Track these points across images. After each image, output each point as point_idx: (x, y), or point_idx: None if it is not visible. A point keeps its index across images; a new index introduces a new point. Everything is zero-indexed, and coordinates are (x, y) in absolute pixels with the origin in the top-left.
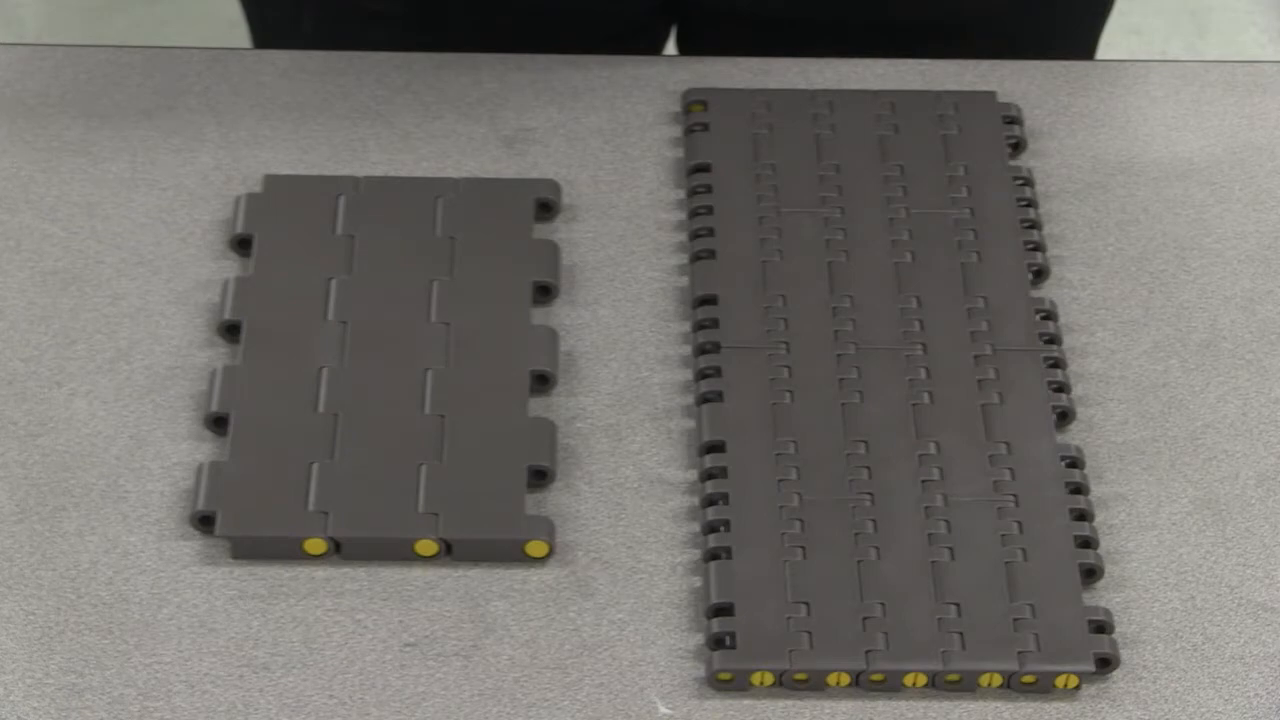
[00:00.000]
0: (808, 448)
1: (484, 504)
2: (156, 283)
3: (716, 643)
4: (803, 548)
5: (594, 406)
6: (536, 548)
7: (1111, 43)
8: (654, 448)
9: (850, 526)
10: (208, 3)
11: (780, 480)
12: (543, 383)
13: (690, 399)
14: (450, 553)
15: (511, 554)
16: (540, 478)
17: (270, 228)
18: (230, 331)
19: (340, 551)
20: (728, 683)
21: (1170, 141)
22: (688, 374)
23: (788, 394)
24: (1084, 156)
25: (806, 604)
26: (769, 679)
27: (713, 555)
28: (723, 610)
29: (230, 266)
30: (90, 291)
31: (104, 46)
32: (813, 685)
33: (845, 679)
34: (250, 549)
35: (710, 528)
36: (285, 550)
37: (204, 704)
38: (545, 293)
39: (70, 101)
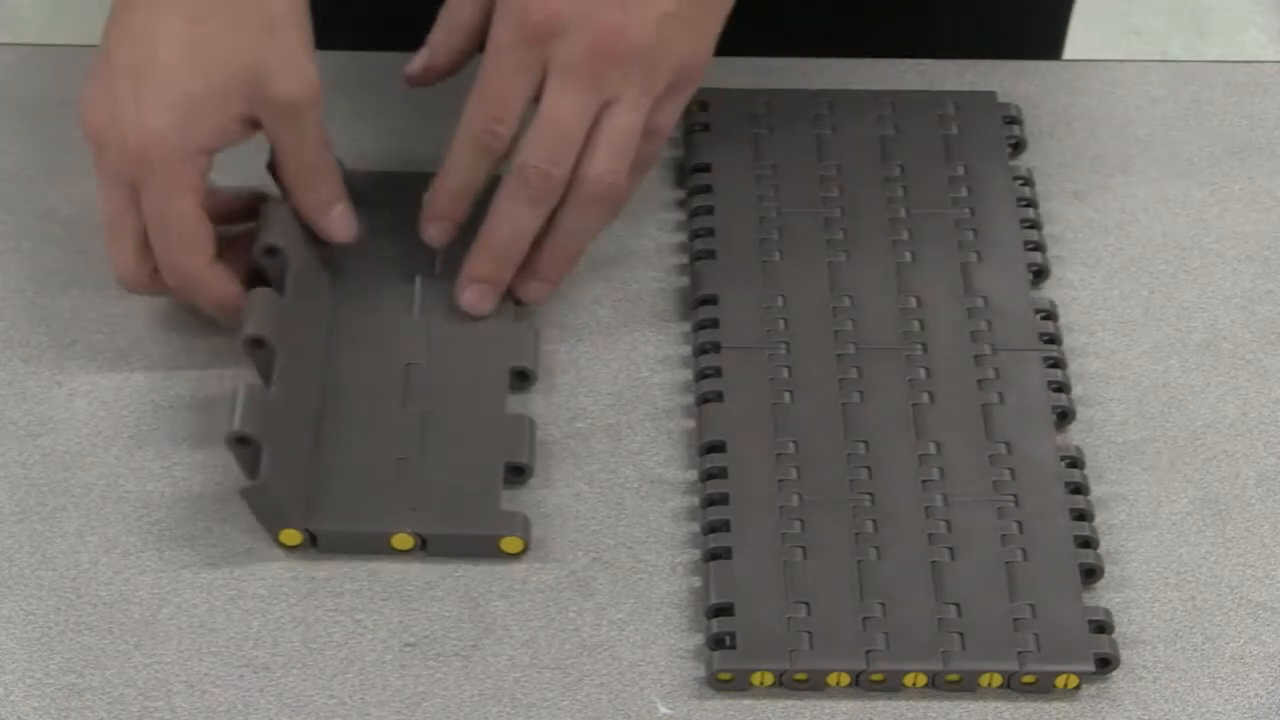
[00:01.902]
0: (808, 448)
1: (460, 500)
2: None
3: (716, 643)
4: (803, 548)
5: (594, 406)
6: (511, 543)
7: (1111, 43)
8: (654, 448)
9: (850, 526)
10: None
11: (780, 480)
12: (522, 379)
13: (690, 399)
14: (425, 548)
15: (487, 549)
16: (518, 474)
17: None
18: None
19: (316, 545)
20: (728, 683)
21: (1170, 141)
22: (688, 374)
23: (788, 394)
24: (1084, 156)
25: (806, 604)
26: (769, 679)
27: (713, 555)
28: (723, 610)
29: None
30: (90, 291)
31: None
32: (813, 685)
33: (845, 679)
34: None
35: (710, 528)
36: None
37: (204, 704)
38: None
39: (70, 101)
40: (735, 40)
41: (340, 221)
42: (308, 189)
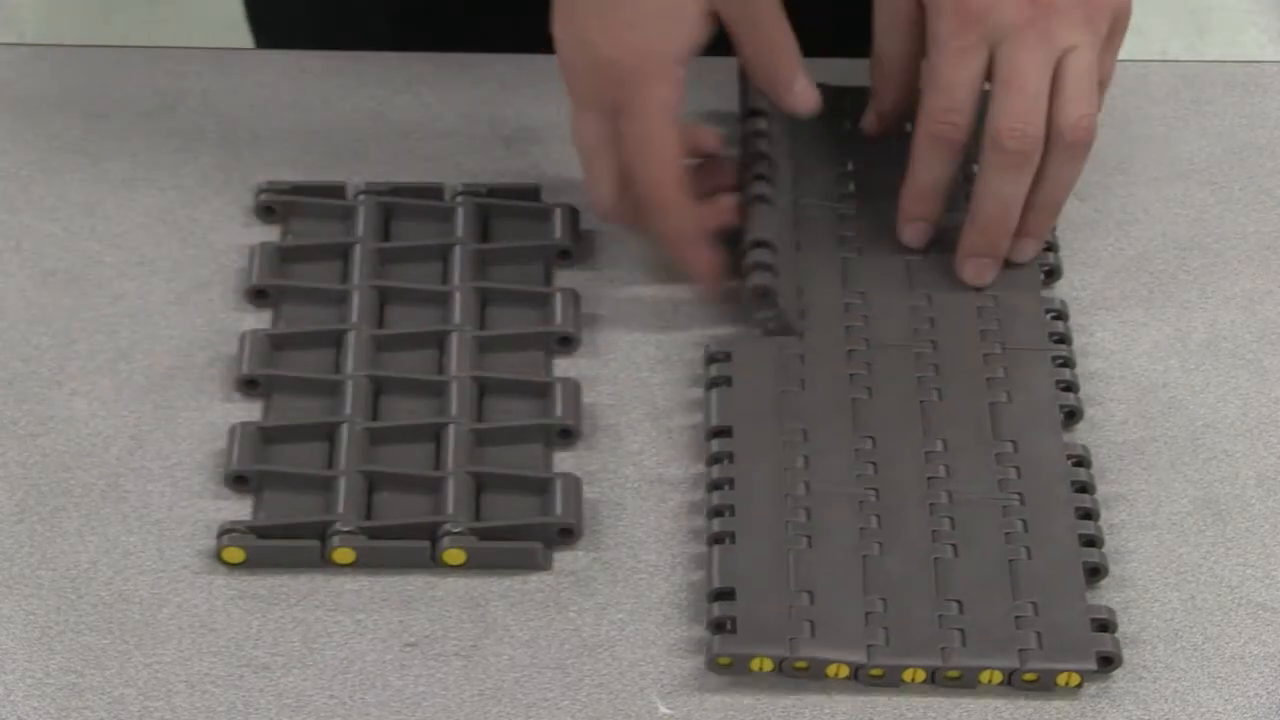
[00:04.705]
0: (815, 439)
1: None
2: (156, 283)
3: (717, 627)
4: (807, 537)
5: (594, 406)
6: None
7: None
8: (654, 448)
9: (855, 520)
10: (208, 3)
11: (787, 468)
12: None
13: (691, 398)
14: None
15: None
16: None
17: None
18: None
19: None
20: (727, 667)
21: (1170, 141)
22: (688, 373)
23: (797, 383)
24: None
25: (809, 593)
26: (768, 665)
27: (716, 539)
28: (724, 595)
29: (233, 263)
30: (90, 291)
31: (104, 46)
32: (812, 674)
33: (845, 670)
34: None
35: (715, 512)
36: None
37: (204, 704)
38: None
39: (70, 101)
40: None
41: (804, 95)
42: (770, 64)
